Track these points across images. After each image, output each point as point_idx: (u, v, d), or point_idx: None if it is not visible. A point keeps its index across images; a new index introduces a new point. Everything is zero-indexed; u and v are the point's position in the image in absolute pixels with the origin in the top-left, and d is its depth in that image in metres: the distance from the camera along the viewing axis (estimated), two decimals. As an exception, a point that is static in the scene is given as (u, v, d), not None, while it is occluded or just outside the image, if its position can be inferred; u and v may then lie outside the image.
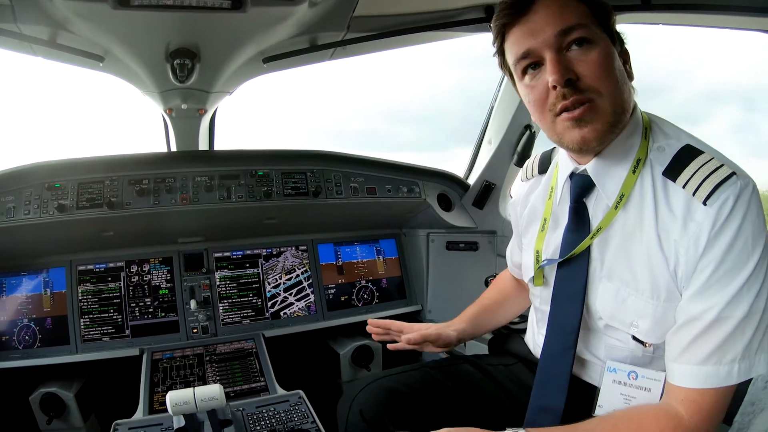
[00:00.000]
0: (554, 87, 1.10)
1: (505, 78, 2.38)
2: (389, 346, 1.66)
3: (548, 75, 1.10)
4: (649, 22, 2.30)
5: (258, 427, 1.82)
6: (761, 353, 1.03)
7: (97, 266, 2.28)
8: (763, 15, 2.13)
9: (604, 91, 1.09)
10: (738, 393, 1.12)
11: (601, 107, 1.10)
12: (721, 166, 1.04)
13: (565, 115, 1.11)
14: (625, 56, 1.19)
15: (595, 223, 1.23)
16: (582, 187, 1.25)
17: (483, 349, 2.08)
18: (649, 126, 1.20)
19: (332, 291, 2.60)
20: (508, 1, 1.16)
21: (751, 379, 1.14)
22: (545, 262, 1.34)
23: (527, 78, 1.17)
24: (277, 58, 2.07)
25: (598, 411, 1.24)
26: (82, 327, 2.19)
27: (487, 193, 2.66)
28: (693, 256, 1.04)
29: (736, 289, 1.01)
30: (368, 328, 1.71)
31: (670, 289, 1.10)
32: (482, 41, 2.20)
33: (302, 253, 2.58)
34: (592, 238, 1.21)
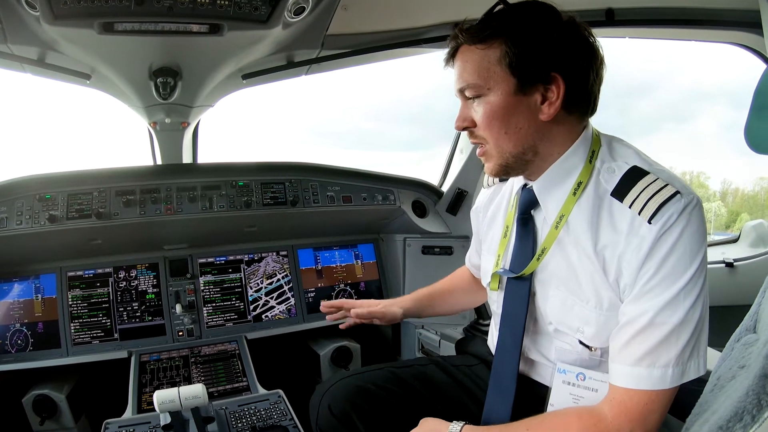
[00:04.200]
0: None
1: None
2: (341, 326, 1.78)
3: None
4: (615, 36, 2.40)
5: (239, 425, 1.92)
6: (692, 360, 1.08)
7: (86, 272, 2.35)
8: (729, 28, 2.23)
9: (490, 140, 1.23)
10: (696, 394, 1.18)
11: (489, 152, 1.25)
12: (666, 185, 1.11)
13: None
14: (551, 94, 1.18)
15: (540, 236, 1.31)
16: (529, 200, 1.33)
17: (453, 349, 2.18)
18: (599, 148, 1.26)
19: (312, 294, 2.68)
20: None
21: (706, 382, 1.19)
22: (501, 270, 1.40)
23: None
24: (255, 74, 2.17)
25: (549, 409, 1.30)
26: (73, 331, 2.26)
27: (459, 199, 2.75)
28: (635, 265, 1.10)
29: (672, 296, 1.06)
30: (322, 308, 1.79)
31: (611, 300, 1.17)
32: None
33: (283, 259, 2.67)
34: (538, 259, 1.29)
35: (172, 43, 1.85)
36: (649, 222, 1.09)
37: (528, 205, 1.34)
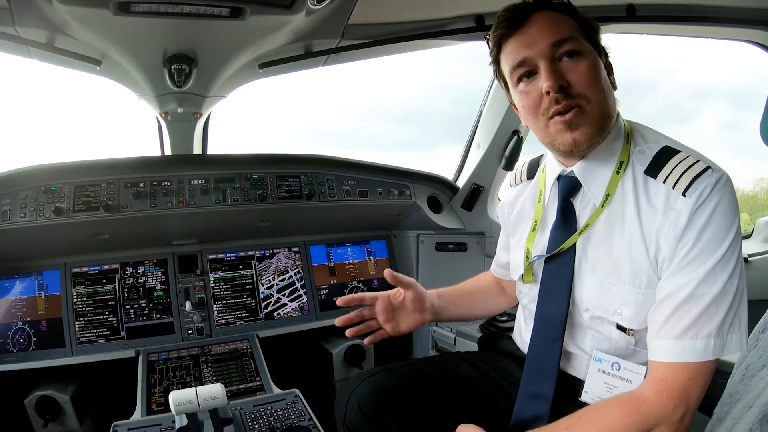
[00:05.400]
0: (548, 92, 1.18)
1: (494, 84, 2.46)
2: (366, 340, 1.62)
3: (542, 81, 1.19)
4: (634, 32, 2.39)
5: (257, 426, 1.85)
6: (733, 333, 1.09)
7: (92, 268, 2.28)
8: (745, 26, 2.23)
9: (592, 97, 1.19)
10: (719, 386, 1.18)
11: (589, 112, 1.19)
12: (697, 161, 1.14)
13: (557, 118, 1.20)
14: (608, 68, 1.29)
15: (581, 221, 1.30)
16: (569, 187, 1.33)
17: (473, 347, 2.14)
18: (630, 132, 1.29)
19: (324, 291, 2.63)
20: (506, 14, 1.25)
21: (730, 373, 1.20)
22: (535, 258, 1.40)
23: (522, 85, 1.26)
24: (272, 63, 2.10)
25: (584, 396, 1.30)
26: (77, 329, 2.19)
27: (475, 195, 2.72)
28: (673, 239, 1.12)
29: (710, 268, 1.08)
30: (339, 303, 1.60)
31: (649, 276, 1.18)
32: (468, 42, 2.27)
33: (295, 255, 2.61)
34: (579, 234, 1.29)
35: (189, 27, 1.77)
36: (684, 194, 1.12)
37: (569, 192, 1.35)
